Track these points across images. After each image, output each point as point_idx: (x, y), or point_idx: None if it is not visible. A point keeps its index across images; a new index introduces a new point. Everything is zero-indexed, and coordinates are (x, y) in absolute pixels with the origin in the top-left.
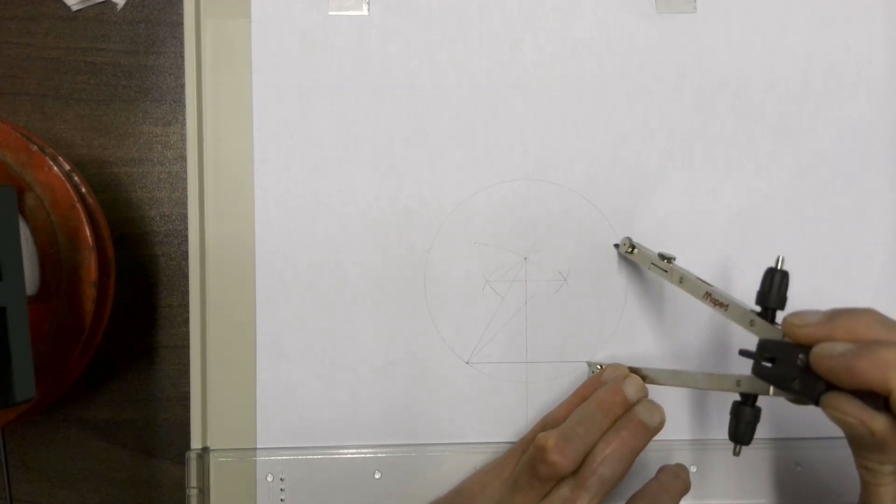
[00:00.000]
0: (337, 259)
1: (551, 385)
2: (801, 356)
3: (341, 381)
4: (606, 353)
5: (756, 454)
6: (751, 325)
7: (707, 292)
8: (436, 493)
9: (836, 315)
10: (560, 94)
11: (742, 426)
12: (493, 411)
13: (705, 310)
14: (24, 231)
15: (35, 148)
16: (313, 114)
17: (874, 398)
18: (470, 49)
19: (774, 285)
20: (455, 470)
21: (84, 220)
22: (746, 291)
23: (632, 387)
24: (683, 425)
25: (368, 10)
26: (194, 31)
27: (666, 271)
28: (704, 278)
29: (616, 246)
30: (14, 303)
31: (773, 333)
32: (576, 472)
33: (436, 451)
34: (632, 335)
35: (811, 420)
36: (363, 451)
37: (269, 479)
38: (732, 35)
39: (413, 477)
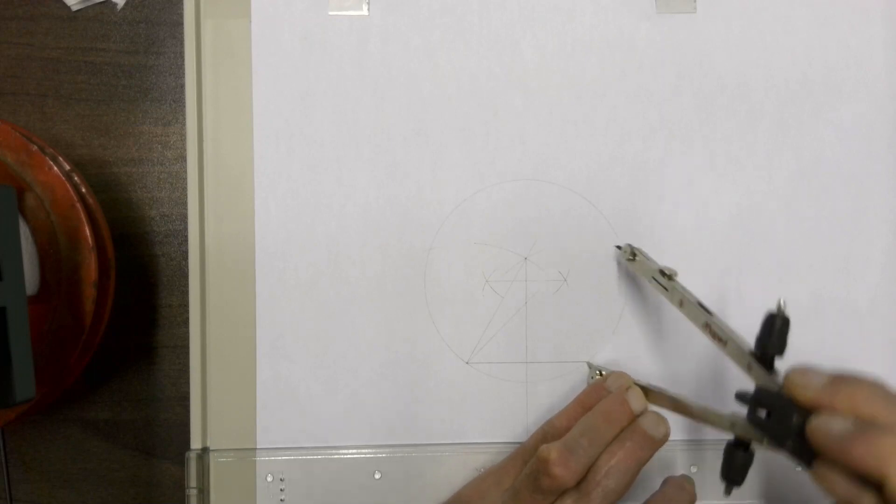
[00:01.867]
0: (337, 259)
1: (551, 385)
2: (796, 417)
3: (341, 382)
4: (606, 352)
5: (756, 453)
6: (748, 369)
7: (707, 323)
8: (436, 492)
9: (838, 382)
10: (560, 93)
11: (735, 469)
12: (493, 411)
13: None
14: (24, 231)
15: (35, 148)
16: (313, 114)
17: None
18: (470, 49)
19: (775, 332)
20: (455, 470)
21: (84, 220)
22: (746, 293)
23: (636, 398)
24: (682, 425)
25: (368, 10)
26: (194, 31)
27: (667, 289)
28: (704, 299)
29: (618, 247)
30: (14, 303)
31: (770, 382)
32: (579, 484)
33: (436, 451)
34: (631, 335)
35: None
36: (363, 451)
37: (269, 479)
38: (732, 35)
39: (413, 477)
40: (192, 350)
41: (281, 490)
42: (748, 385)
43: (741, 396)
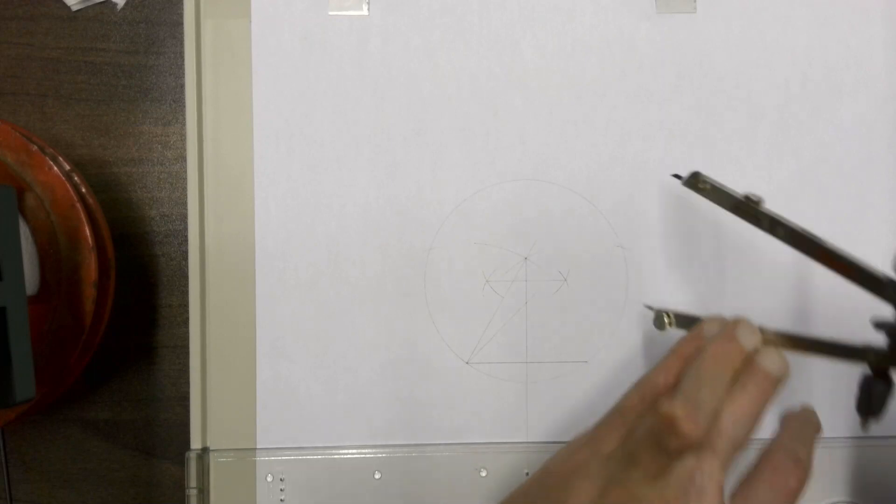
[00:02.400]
0: (337, 259)
1: (551, 385)
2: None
3: (341, 381)
4: (606, 352)
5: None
6: (891, 294)
7: (824, 251)
8: (436, 492)
9: None
10: (560, 93)
11: (876, 400)
12: (493, 411)
13: (709, 308)
14: (24, 231)
15: (35, 148)
16: (313, 113)
17: None
18: (470, 49)
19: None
20: (455, 470)
21: (84, 220)
22: (746, 292)
23: (746, 333)
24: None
25: (368, 9)
26: (194, 31)
27: (758, 218)
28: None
29: (677, 176)
30: (14, 303)
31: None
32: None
33: (436, 451)
34: (632, 335)
35: None
36: (363, 451)
37: (269, 479)
38: (732, 35)
39: (413, 477)
40: (192, 350)
41: (281, 490)
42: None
43: (881, 324)
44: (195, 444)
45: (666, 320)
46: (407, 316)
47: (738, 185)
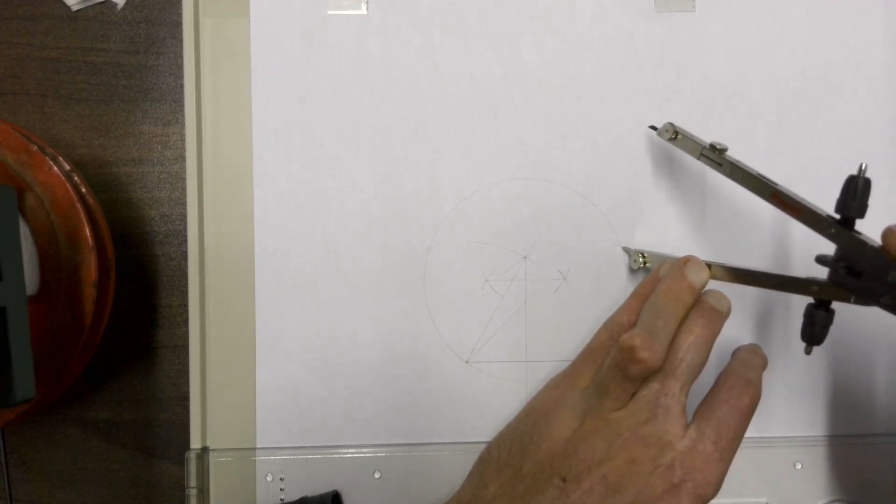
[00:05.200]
0: (336, 258)
1: None
2: (893, 273)
3: (340, 381)
4: None
5: (756, 452)
6: (830, 233)
7: (775, 192)
8: (436, 492)
9: None
10: (559, 92)
11: (817, 329)
12: (493, 410)
13: None
14: (24, 231)
15: (35, 148)
16: (312, 113)
17: None
18: (469, 48)
19: (857, 193)
20: (455, 469)
21: (84, 220)
22: (746, 291)
23: (694, 271)
24: None
25: (367, 9)
26: (193, 31)
27: (720, 164)
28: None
29: (653, 128)
30: (14, 303)
31: (853, 242)
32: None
33: (435, 450)
34: None
35: (812, 419)
36: (362, 450)
37: (269, 478)
38: (731, 34)
39: (413, 476)
40: (192, 350)
41: (281, 490)
42: None
43: (822, 259)
44: (195, 443)
45: (640, 260)
46: (406, 315)
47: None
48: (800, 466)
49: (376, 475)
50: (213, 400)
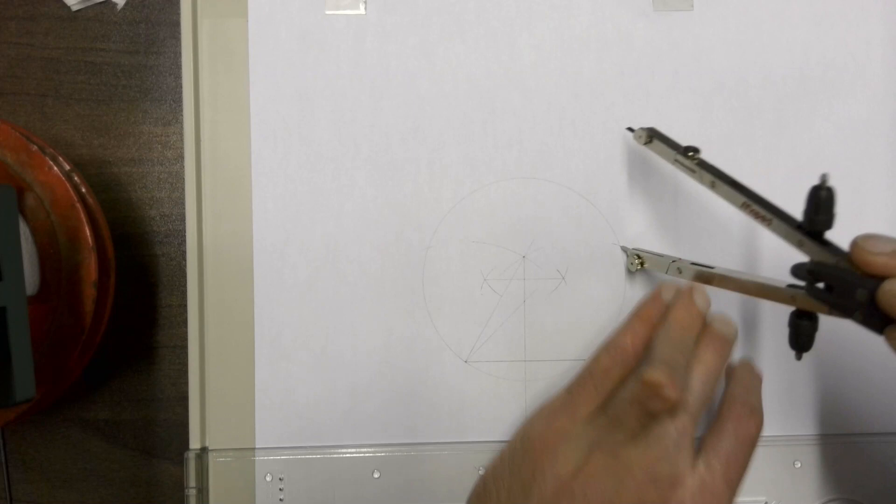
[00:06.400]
0: (335, 258)
1: (550, 383)
2: (862, 289)
3: (340, 381)
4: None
5: (756, 451)
6: (799, 245)
7: (746, 201)
8: (435, 491)
9: None
10: (557, 92)
11: (802, 338)
12: (492, 410)
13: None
14: (24, 231)
15: (35, 148)
16: (310, 113)
17: None
18: (467, 47)
19: (822, 204)
20: (454, 469)
21: (84, 220)
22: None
23: (702, 299)
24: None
25: (365, 8)
26: (191, 31)
27: (694, 171)
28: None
29: (630, 129)
30: (14, 303)
31: (825, 256)
32: None
33: (435, 450)
34: None
35: (812, 418)
36: (362, 450)
37: (268, 478)
38: (729, 33)
39: (412, 476)
40: (191, 350)
41: (280, 490)
42: None
43: (797, 271)
44: (194, 443)
45: (637, 262)
46: (405, 315)
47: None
48: (799, 465)
49: (376, 475)
50: (212, 400)
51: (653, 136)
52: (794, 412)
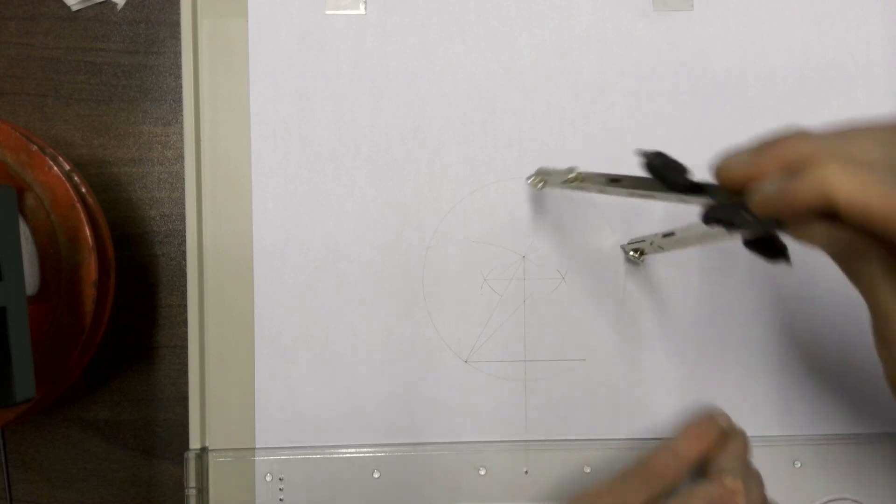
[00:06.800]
0: (335, 258)
1: (550, 383)
2: (742, 214)
3: (340, 381)
4: (606, 350)
5: (756, 451)
6: (686, 202)
7: (630, 192)
8: (435, 491)
9: (760, 150)
10: (557, 92)
11: (769, 253)
12: (492, 410)
13: (708, 306)
14: (24, 231)
15: (35, 148)
16: (310, 113)
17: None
18: (467, 47)
19: (663, 171)
20: (454, 468)
21: (84, 220)
22: (745, 290)
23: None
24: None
25: (365, 8)
26: (191, 31)
27: (584, 188)
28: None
29: (528, 179)
30: (14, 303)
31: (706, 200)
32: None
33: (435, 449)
34: (630, 333)
35: (812, 418)
36: (362, 450)
37: (268, 478)
38: (729, 32)
39: (412, 476)
40: (191, 350)
41: (280, 490)
42: None
43: (710, 214)
44: (194, 443)
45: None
46: (405, 315)
47: None
48: (799, 465)
49: (376, 475)
50: (212, 400)
51: (543, 179)
52: (794, 412)
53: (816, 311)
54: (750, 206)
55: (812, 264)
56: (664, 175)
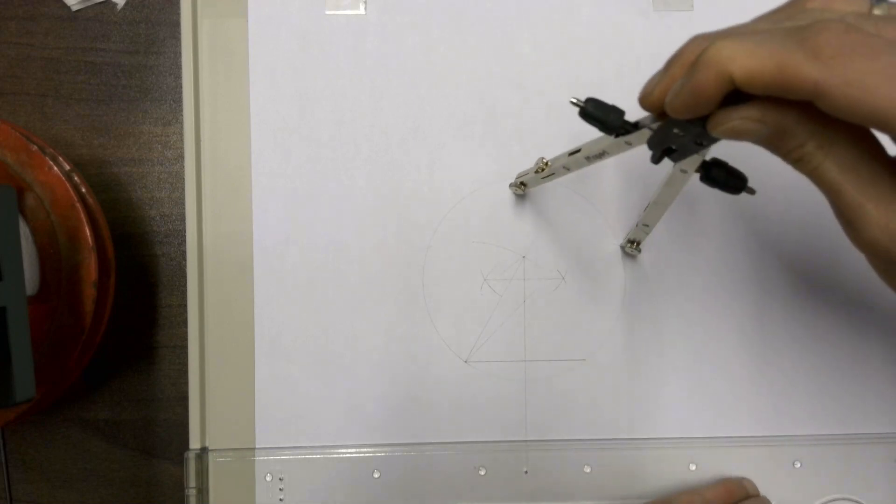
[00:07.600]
0: (335, 258)
1: (550, 383)
2: (673, 131)
3: (340, 381)
4: (606, 350)
5: (756, 451)
6: (630, 145)
7: (587, 157)
8: (435, 491)
9: (669, 63)
10: (557, 92)
11: (729, 181)
12: (492, 410)
13: (708, 306)
14: (24, 231)
15: (35, 148)
16: (311, 113)
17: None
18: (467, 47)
19: (597, 111)
20: (454, 468)
21: (84, 220)
22: (743, 290)
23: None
24: (682, 423)
25: (365, 8)
26: (191, 31)
27: (553, 173)
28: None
29: (510, 187)
30: (14, 303)
31: (643, 135)
32: None
33: (435, 449)
34: (630, 333)
35: (812, 418)
36: (362, 450)
37: (268, 478)
38: None
39: (412, 476)
40: (191, 350)
41: (280, 490)
42: None
43: (653, 151)
44: (194, 443)
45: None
46: (405, 315)
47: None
48: (799, 465)
49: (376, 475)
50: (212, 400)
51: (521, 182)
52: (794, 412)
53: (817, 310)
54: (669, 115)
55: (813, 264)
56: (602, 119)
